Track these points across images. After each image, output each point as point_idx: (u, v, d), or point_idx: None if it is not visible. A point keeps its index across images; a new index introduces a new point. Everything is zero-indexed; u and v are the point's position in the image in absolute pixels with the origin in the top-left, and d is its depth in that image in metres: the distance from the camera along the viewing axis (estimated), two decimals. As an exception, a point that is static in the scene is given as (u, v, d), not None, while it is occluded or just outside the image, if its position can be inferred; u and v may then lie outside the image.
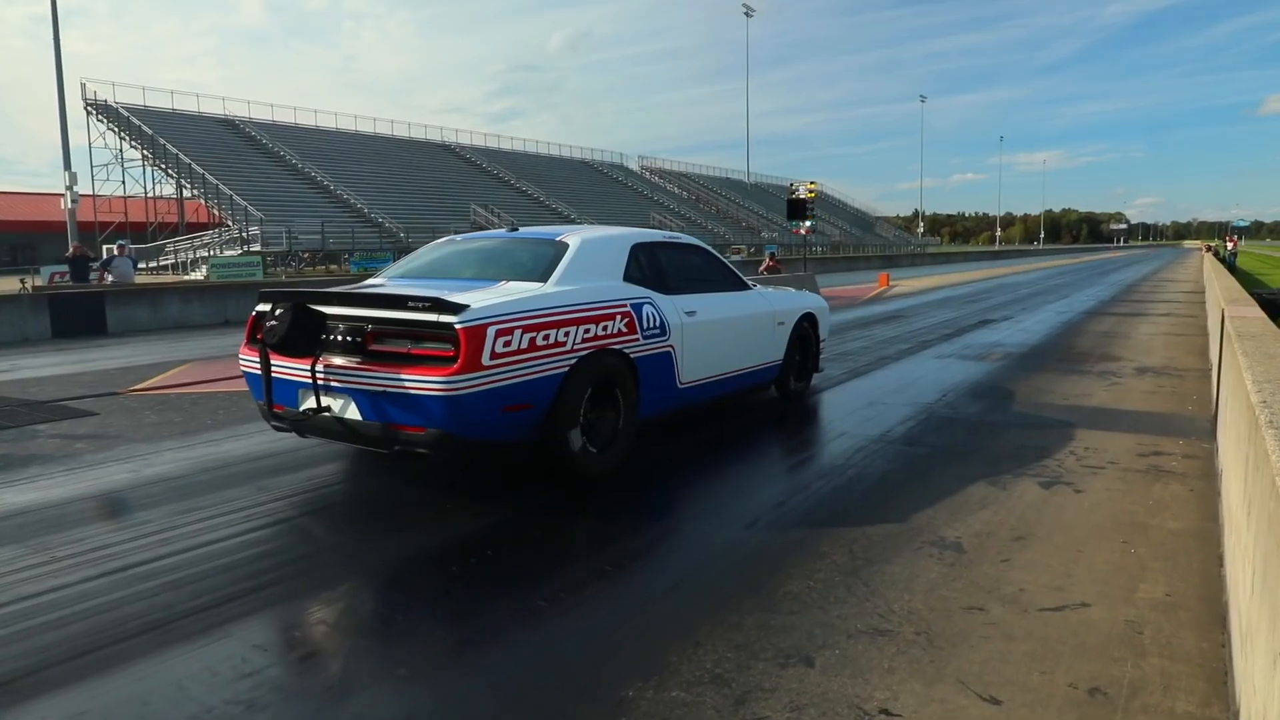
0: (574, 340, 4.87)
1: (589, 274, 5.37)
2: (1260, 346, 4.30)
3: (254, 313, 5.22)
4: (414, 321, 4.43)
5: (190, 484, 5.18)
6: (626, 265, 5.70)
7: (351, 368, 4.55)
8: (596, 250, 5.63)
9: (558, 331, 4.78)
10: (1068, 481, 5.08)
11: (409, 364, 4.39)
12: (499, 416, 4.48)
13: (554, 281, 5.13)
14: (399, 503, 4.80)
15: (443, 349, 4.33)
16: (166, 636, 3.13)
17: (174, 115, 47.59)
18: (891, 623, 3.21)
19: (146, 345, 13.15)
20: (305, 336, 4.62)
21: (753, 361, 6.83)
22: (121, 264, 21.04)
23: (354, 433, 4.67)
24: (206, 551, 4.01)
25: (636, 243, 5.98)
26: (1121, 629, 3.16)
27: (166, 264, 39.20)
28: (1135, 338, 12.59)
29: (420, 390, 4.29)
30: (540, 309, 4.76)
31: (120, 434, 6.57)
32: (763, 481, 5.35)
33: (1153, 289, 25.78)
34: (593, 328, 5.02)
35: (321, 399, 4.66)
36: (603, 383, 5.12)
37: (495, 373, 4.39)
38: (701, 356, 6.03)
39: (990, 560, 3.83)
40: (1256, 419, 2.64)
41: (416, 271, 5.93)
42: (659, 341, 5.57)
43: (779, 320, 7.21)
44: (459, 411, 4.30)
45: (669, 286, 5.91)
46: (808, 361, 7.86)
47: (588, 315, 5.02)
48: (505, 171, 59.76)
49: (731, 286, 6.80)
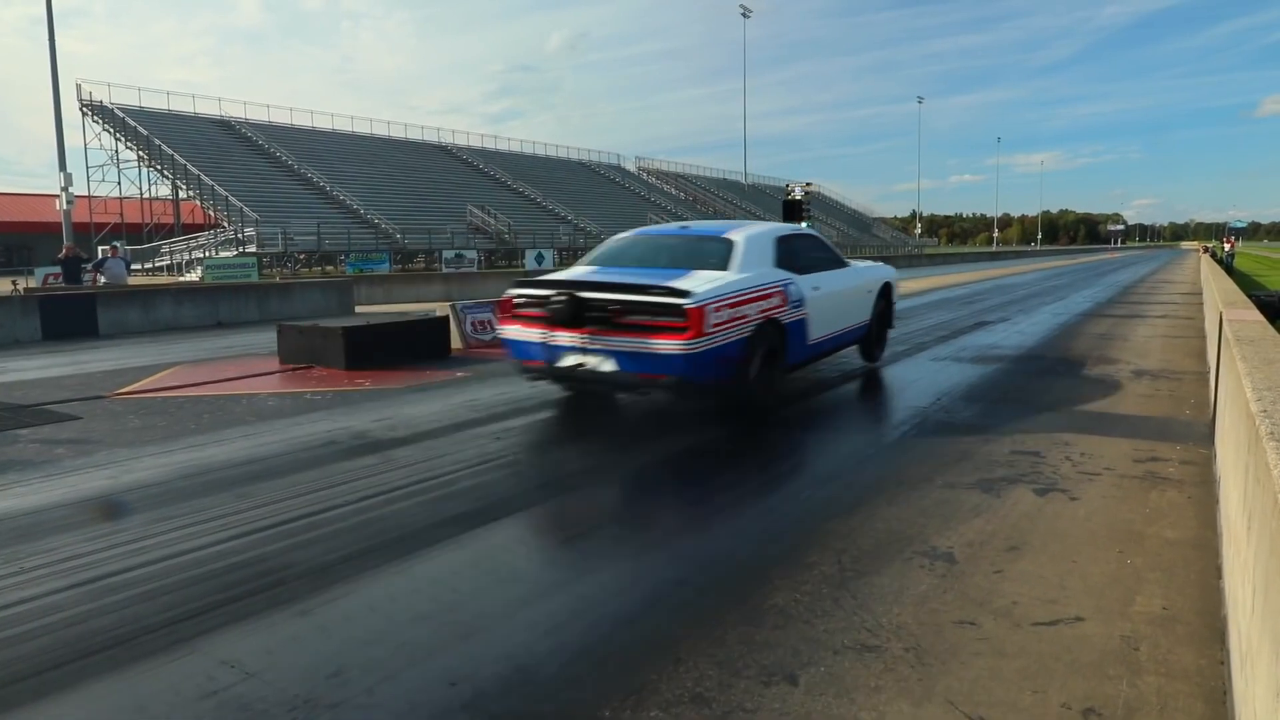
0: (753, 313, 6.63)
1: (754, 263, 7.13)
2: (1259, 351, 4.21)
3: (510, 296, 7.10)
4: (654, 304, 6.20)
5: (169, 491, 5.08)
6: (775, 254, 7.49)
7: (606, 334, 6.30)
8: (756, 244, 7.41)
9: (744, 307, 6.54)
10: (1063, 489, 4.99)
11: (652, 332, 6.15)
12: (713, 366, 6.24)
13: (733, 270, 6.88)
14: (374, 515, 4.70)
15: (677, 321, 6.07)
16: (132, 652, 3.03)
17: (169, 116, 47.45)
18: (879, 638, 3.12)
19: (137, 347, 13.03)
20: (578, 314, 6.33)
21: (852, 322, 8.76)
22: (114, 265, 20.94)
23: (608, 381, 6.50)
24: (180, 561, 3.91)
25: (778, 236, 7.86)
26: (1117, 645, 3.07)
27: (162, 265, 39.09)
28: (1132, 340, 12.51)
29: (664, 350, 6.09)
30: (732, 292, 6.49)
31: (102, 439, 6.46)
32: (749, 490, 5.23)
33: (1150, 290, 25.71)
34: (762, 303, 6.78)
35: (582, 358, 6.41)
36: (767, 341, 6.80)
37: (712, 337, 6.15)
38: (823, 321, 7.85)
39: (982, 571, 3.74)
40: (1257, 429, 2.55)
41: (618, 260, 7.57)
42: (798, 310, 7.34)
43: (868, 289, 9.27)
44: (692, 364, 6.08)
45: (800, 268, 7.66)
46: (886, 321, 10.00)
47: (759, 295, 6.78)
48: (502, 172, 59.64)
49: (837, 265, 8.71)
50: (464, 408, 7.54)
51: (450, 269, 37.78)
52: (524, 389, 8.47)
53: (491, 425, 6.79)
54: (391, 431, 6.62)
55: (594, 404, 7.59)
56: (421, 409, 7.51)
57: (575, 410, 7.37)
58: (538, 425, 6.81)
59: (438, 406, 7.63)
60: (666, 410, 7.24)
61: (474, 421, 6.95)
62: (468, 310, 12.19)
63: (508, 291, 7.15)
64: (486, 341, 12.12)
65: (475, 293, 24.46)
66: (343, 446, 6.17)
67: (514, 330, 7.00)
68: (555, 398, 7.90)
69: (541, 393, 8.24)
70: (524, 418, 7.08)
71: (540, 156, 68.56)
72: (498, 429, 6.65)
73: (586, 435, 6.47)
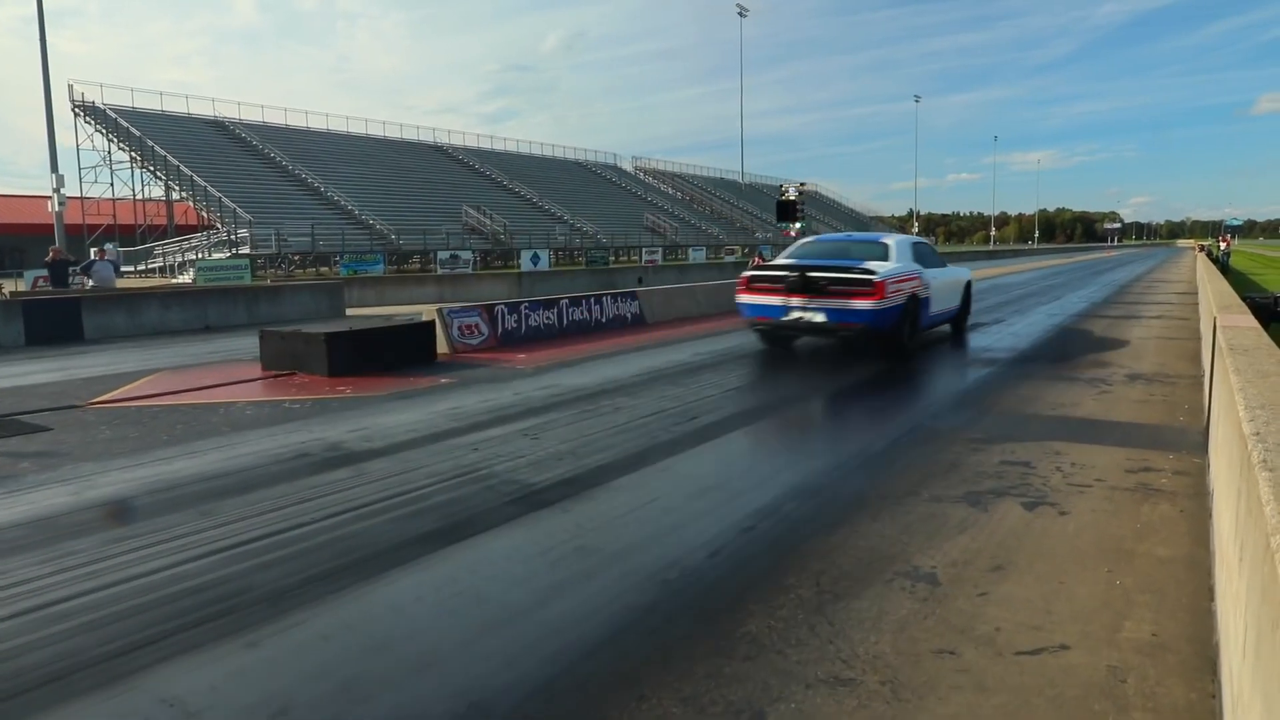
0: (906, 289, 10.26)
1: (902, 258, 10.81)
2: (1253, 363, 4.06)
3: (747, 275, 10.92)
4: (854, 279, 9.85)
5: (130, 508, 4.93)
6: (911, 253, 11.20)
7: (820, 298, 9.92)
8: (901, 246, 11.23)
9: (902, 284, 10.17)
10: (1052, 502, 4.84)
11: (851, 296, 9.73)
12: (888, 319, 9.80)
13: (892, 261, 10.53)
14: (340, 533, 4.54)
15: (868, 290, 9.67)
16: (63, 691, 2.88)
17: (163, 117, 47.18)
18: (855, 669, 2.97)
19: (121, 353, 12.85)
20: (806, 285, 9.99)
21: (949, 305, 12.52)
22: (102, 268, 20.71)
23: (818, 329, 10.21)
24: (130, 587, 3.75)
25: (912, 241, 11.83)
26: (1103, 676, 2.92)
27: (155, 267, 38.85)
28: (1127, 341, 12.35)
29: (859, 307, 9.65)
30: (896, 274, 10.16)
31: (70, 452, 6.30)
32: (727, 511, 5.07)
33: (1145, 289, 25.55)
34: (910, 283, 10.44)
35: (802, 313, 10.03)
36: (912, 309, 10.39)
37: (889, 300, 9.75)
38: (937, 301, 11.57)
39: (966, 594, 3.58)
40: (1249, 454, 2.40)
41: (810, 255, 11.22)
42: (926, 291, 10.94)
43: (958, 284, 13.07)
44: (876, 316, 9.64)
45: (924, 263, 11.35)
46: (966, 307, 13.63)
47: (908, 278, 10.46)
48: (497, 172, 59.41)
49: (942, 264, 12.49)
50: (445, 416, 7.38)
51: (445, 270, 37.60)
52: (508, 396, 8.34)
53: (471, 435, 6.64)
54: (367, 443, 6.46)
55: (569, 413, 7.44)
56: (401, 418, 7.35)
57: (552, 419, 7.21)
58: (517, 435, 6.65)
59: (418, 415, 7.47)
60: (650, 423, 7.09)
61: (453, 431, 6.79)
62: (454, 314, 12.01)
63: (745, 274, 11.06)
64: (474, 346, 11.96)
65: (469, 294, 24.31)
66: (315, 459, 6.02)
67: (751, 298, 10.73)
68: (539, 405, 7.75)
69: (525, 400, 8.10)
70: (505, 426, 6.93)
71: (536, 156, 68.30)
72: (477, 439, 6.49)
73: (562, 445, 6.31)
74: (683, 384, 8.94)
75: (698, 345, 12.36)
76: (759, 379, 9.45)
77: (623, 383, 9.09)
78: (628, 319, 15.49)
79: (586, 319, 14.55)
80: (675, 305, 17.09)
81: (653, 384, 8.98)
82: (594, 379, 9.38)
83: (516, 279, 28.34)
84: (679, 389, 8.62)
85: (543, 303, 13.92)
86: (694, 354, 11.38)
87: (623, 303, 15.59)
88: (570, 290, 26.09)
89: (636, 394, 8.34)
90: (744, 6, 76.68)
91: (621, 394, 8.36)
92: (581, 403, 7.94)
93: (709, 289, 18.82)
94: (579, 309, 14.46)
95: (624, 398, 8.14)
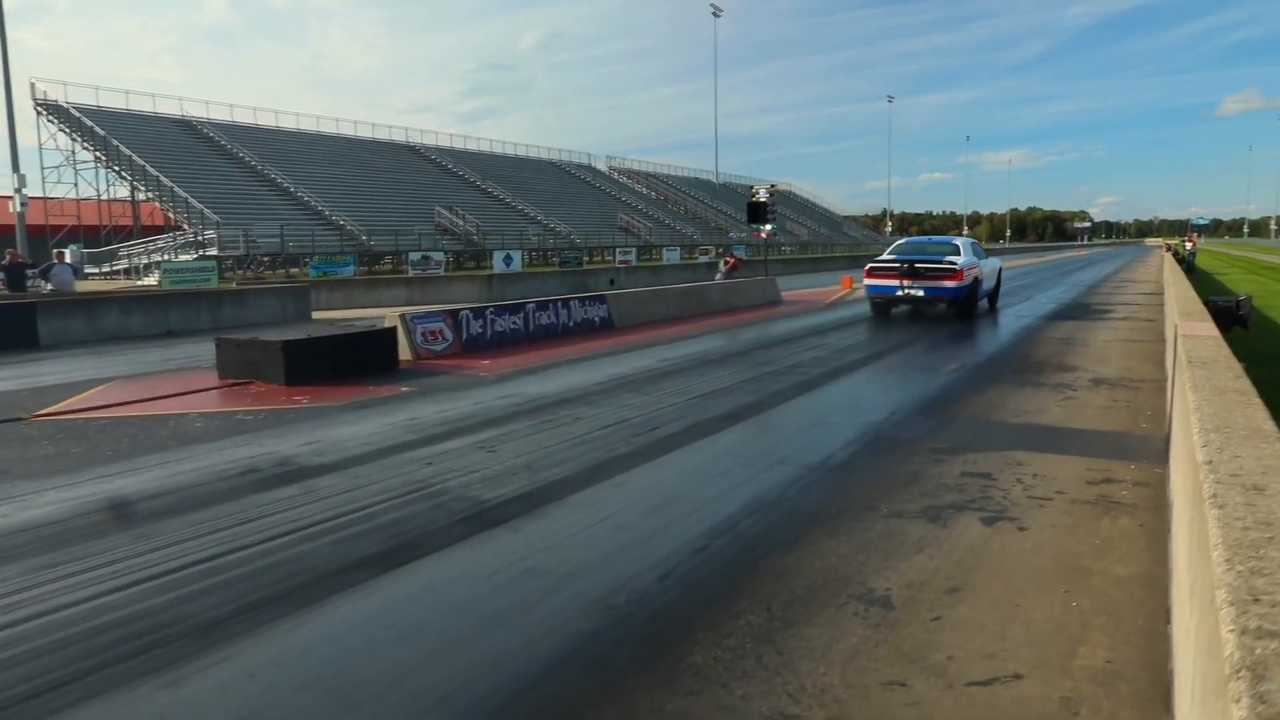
0: (972, 273, 16.05)
1: (969, 253, 16.40)
2: (1211, 378, 4.01)
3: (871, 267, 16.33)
4: (944, 267, 15.60)
5: (64, 532, 4.73)
6: (973, 250, 17.02)
7: (920, 280, 15.59)
8: (967, 245, 16.89)
9: (970, 270, 15.95)
10: (1012, 516, 4.77)
11: (941, 278, 15.50)
12: (965, 293, 15.70)
13: (963, 255, 16.01)
14: (281, 557, 4.38)
15: (953, 274, 15.42)
16: (-37, 741, 2.71)
17: (128, 115, 46.38)
18: (801, 704, 2.86)
19: (76, 360, 12.54)
20: (911, 271, 15.62)
21: (991, 284, 18.32)
22: (61, 272, 20.32)
23: (919, 300, 15.96)
24: (52, 620, 3.58)
25: (972, 242, 17.69)
26: (1055, 709, 2.83)
27: (120, 268, 38.17)
28: (1093, 345, 12.40)
29: (948, 285, 15.48)
30: (967, 263, 15.90)
31: (6, 469, 6.07)
32: (682, 529, 4.95)
33: (1113, 290, 25.78)
34: (974, 270, 16.19)
35: (909, 290, 15.68)
36: (976, 287, 16.47)
37: (965, 281, 15.60)
38: (985, 281, 17.40)
39: (919, 619, 3.49)
40: (1200, 486, 2.32)
41: (906, 252, 16.43)
42: (981, 275, 16.79)
43: (995, 270, 18.77)
44: (958, 291, 15.51)
45: (978, 256, 17.23)
46: (997, 290, 19.33)
47: (973, 266, 16.23)
48: (470, 172, 58.98)
49: (985, 257, 18.21)
50: (401, 428, 7.22)
51: (416, 272, 37.21)
52: (467, 406, 8.20)
53: (426, 449, 6.48)
54: (319, 457, 6.28)
55: (529, 424, 7.30)
56: (356, 429, 7.18)
57: (511, 430, 7.07)
58: (473, 448, 6.51)
59: (374, 426, 7.30)
60: (610, 434, 6.97)
61: (408, 445, 6.63)
62: (418, 320, 11.81)
63: (870, 265, 16.38)
64: (438, 352, 11.77)
65: (439, 297, 24.06)
66: (263, 475, 5.84)
67: (874, 281, 16.13)
68: (499, 415, 7.61)
69: (485, 409, 7.96)
70: (462, 439, 6.78)
71: (510, 156, 67.89)
72: (431, 453, 6.34)
73: (518, 459, 6.17)
74: (647, 391, 8.83)
75: (665, 350, 12.26)
76: (724, 386, 9.35)
77: (585, 390, 8.97)
78: (596, 323, 15.35)
79: (553, 323, 14.40)
80: (645, 309, 16.99)
81: (616, 392, 8.86)
82: (556, 387, 9.25)
83: (487, 281, 28.09)
84: (642, 397, 8.51)
85: (509, 307, 13.75)
86: (660, 359, 11.28)
87: (591, 307, 15.45)
88: (541, 292, 25.92)
89: (598, 403, 8.22)
90: (718, 7, 76.79)
91: (583, 403, 8.23)
92: (541, 413, 7.80)
93: (679, 292, 18.74)
94: (546, 313, 14.31)
95: (585, 407, 8.01)
